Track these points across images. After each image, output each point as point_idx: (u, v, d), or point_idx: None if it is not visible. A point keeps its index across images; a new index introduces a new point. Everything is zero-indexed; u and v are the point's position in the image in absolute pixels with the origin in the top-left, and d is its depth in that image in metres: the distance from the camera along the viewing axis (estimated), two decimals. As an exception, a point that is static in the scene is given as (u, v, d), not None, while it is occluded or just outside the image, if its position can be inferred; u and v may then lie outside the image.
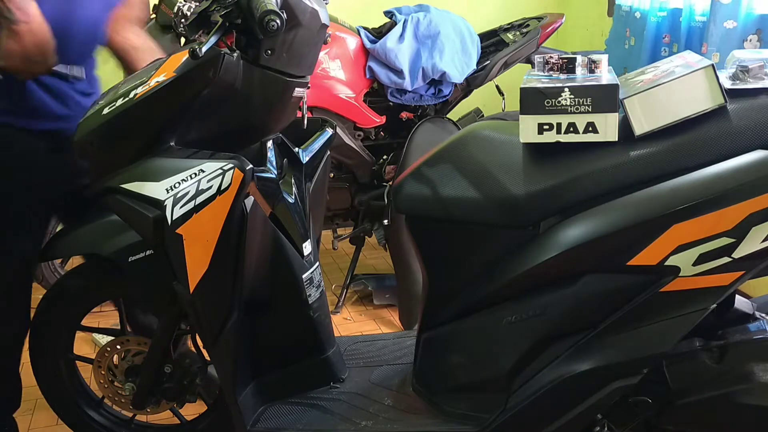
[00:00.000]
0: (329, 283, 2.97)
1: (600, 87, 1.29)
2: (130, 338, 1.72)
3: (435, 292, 1.54)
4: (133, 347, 1.71)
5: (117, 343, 1.71)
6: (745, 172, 1.23)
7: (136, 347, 1.70)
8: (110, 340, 1.73)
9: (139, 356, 1.68)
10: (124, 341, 1.71)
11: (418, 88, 2.70)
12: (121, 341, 1.72)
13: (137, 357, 1.68)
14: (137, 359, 1.67)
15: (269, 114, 1.58)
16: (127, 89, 1.49)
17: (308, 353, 1.67)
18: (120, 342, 1.71)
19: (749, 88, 1.29)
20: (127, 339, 1.72)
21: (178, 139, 1.49)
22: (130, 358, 1.68)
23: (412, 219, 1.52)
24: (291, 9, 1.43)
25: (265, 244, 1.52)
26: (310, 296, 1.63)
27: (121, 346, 1.71)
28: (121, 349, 1.71)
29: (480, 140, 1.45)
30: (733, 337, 1.39)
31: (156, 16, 2.72)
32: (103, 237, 1.60)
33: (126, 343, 1.71)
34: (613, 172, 1.31)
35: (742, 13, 2.50)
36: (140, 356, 1.67)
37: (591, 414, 1.40)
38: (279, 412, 1.61)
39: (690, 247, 1.25)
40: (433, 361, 1.58)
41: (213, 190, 1.38)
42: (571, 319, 1.37)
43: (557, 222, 1.35)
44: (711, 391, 1.38)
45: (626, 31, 3.10)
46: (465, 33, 2.77)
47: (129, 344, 1.71)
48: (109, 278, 1.66)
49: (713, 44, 2.54)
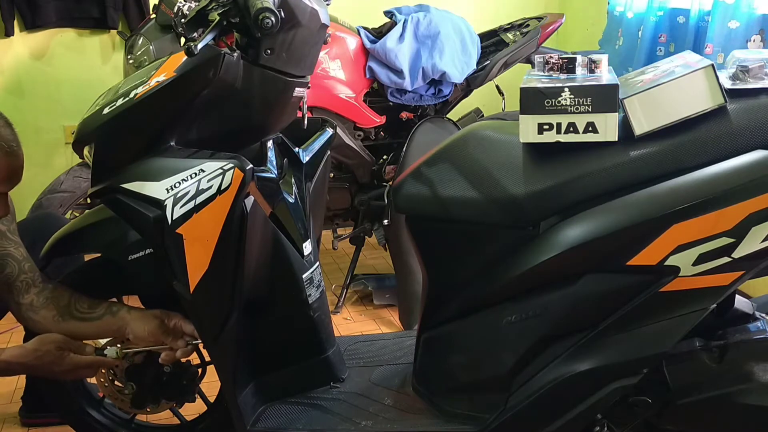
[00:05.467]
0: (329, 283, 2.97)
1: (600, 87, 1.29)
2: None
3: (435, 292, 1.54)
4: (134, 347, 1.70)
5: (117, 343, 1.71)
6: (745, 172, 1.23)
7: (137, 347, 1.70)
8: (110, 340, 1.73)
9: (139, 356, 1.67)
10: (124, 341, 1.71)
11: (418, 88, 2.70)
12: (122, 341, 1.71)
13: (137, 357, 1.68)
14: (137, 359, 1.67)
15: (269, 114, 1.58)
16: (127, 89, 1.49)
17: (308, 353, 1.67)
18: (120, 341, 1.71)
19: (749, 88, 1.29)
20: (127, 338, 1.71)
21: (179, 138, 1.49)
22: (130, 357, 1.68)
23: (412, 219, 1.52)
24: (290, 8, 1.43)
25: (265, 244, 1.52)
26: (310, 296, 1.63)
27: (121, 345, 1.71)
28: (121, 348, 1.71)
29: (480, 140, 1.45)
30: (733, 337, 1.39)
31: (156, 16, 2.72)
32: (103, 236, 1.61)
33: (126, 342, 1.71)
34: (613, 172, 1.31)
35: (745, 13, 2.50)
36: (140, 356, 1.67)
37: (591, 414, 1.40)
38: (279, 412, 1.61)
39: (690, 247, 1.25)
40: (433, 361, 1.58)
41: (213, 190, 1.38)
42: (571, 319, 1.37)
43: (557, 222, 1.35)
44: (711, 391, 1.38)
45: (618, 31, 3.11)
46: (465, 33, 2.77)
47: (129, 344, 1.71)
48: (109, 278, 1.66)
49: (718, 44, 2.54)
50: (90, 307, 1.57)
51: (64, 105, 3.24)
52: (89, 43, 3.26)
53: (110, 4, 3.14)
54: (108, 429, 1.80)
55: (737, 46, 2.48)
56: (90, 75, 3.24)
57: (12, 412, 2.10)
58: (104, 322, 1.57)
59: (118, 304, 1.59)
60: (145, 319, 1.56)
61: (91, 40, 3.26)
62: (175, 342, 1.55)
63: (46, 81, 3.23)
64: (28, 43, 3.18)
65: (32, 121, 3.22)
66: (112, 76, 3.19)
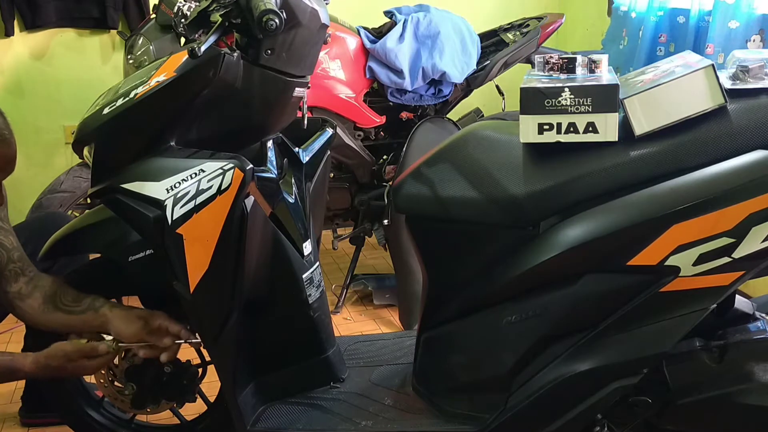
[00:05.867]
0: (329, 283, 2.97)
1: (600, 87, 1.29)
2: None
3: (435, 292, 1.54)
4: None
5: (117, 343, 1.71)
6: (745, 172, 1.23)
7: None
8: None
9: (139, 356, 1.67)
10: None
11: (418, 88, 2.70)
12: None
13: (137, 357, 1.67)
14: (137, 359, 1.66)
15: (269, 114, 1.58)
16: (127, 89, 1.49)
17: (308, 353, 1.67)
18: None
19: (749, 88, 1.29)
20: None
21: (179, 138, 1.49)
22: (130, 358, 1.67)
23: (412, 219, 1.52)
24: (291, 9, 1.43)
25: (265, 244, 1.52)
26: (310, 296, 1.63)
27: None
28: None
29: (480, 140, 1.45)
30: (733, 337, 1.39)
31: (156, 16, 2.72)
32: (103, 236, 1.60)
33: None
34: (613, 172, 1.31)
35: (744, 13, 2.50)
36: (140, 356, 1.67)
37: (591, 414, 1.40)
38: (279, 412, 1.61)
39: (690, 247, 1.25)
40: (433, 361, 1.58)
41: (213, 190, 1.38)
42: (571, 319, 1.37)
43: (557, 222, 1.35)
44: (711, 391, 1.38)
45: (623, 31, 3.11)
46: (465, 33, 2.77)
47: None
48: (109, 278, 1.66)
49: (718, 45, 2.53)
50: (74, 300, 1.55)
51: (64, 105, 3.24)
52: (89, 43, 3.26)
53: (110, 4, 3.15)
54: (108, 429, 1.80)
55: (737, 46, 2.48)
56: (90, 75, 3.24)
57: (12, 412, 2.10)
58: (87, 317, 1.54)
59: (102, 300, 1.55)
60: (128, 319, 1.52)
61: (91, 40, 3.26)
62: (160, 341, 1.52)
63: (46, 81, 3.23)
64: (28, 43, 3.18)
65: (32, 121, 3.22)
66: (112, 76, 3.19)
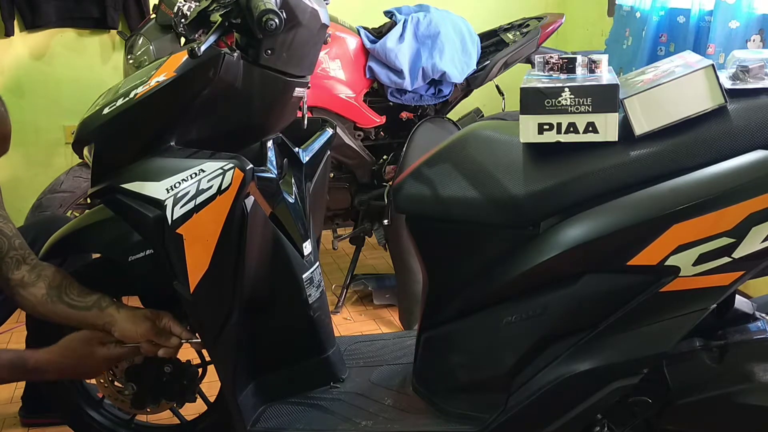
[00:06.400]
0: (329, 283, 2.97)
1: (600, 87, 1.29)
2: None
3: (435, 292, 1.54)
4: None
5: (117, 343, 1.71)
6: (745, 172, 1.23)
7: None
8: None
9: (140, 356, 1.67)
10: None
11: (418, 88, 2.70)
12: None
13: (137, 357, 1.67)
14: (137, 359, 1.66)
15: (269, 114, 1.58)
16: (127, 89, 1.49)
17: (308, 353, 1.67)
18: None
19: (749, 88, 1.29)
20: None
21: (179, 138, 1.49)
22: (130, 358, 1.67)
23: (412, 219, 1.52)
24: (291, 9, 1.43)
25: (265, 244, 1.52)
26: (310, 296, 1.63)
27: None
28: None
29: (480, 140, 1.45)
30: (733, 337, 1.39)
31: (156, 16, 2.72)
32: (103, 236, 1.60)
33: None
34: (613, 172, 1.31)
35: (744, 13, 2.50)
36: (140, 356, 1.67)
37: (591, 414, 1.40)
38: (279, 412, 1.61)
39: (690, 247, 1.25)
40: (433, 361, 1.58)
41: (213, 190, 1.38)
42: (571, 319, 1.37)
43: (557, 222, 1.35)
44: (711, 391, 1.38)
45: (626, 31, 3.10)
46: (465, 33, 2.77)
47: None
48: (109, 277, 1.66)
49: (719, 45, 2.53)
50: (80, 295, 1.53)
51: (64, 105, 3.24)
52: (89, 43, 3.26)
53: (110, 4, 3.15)
54: (108, 429, 1.80)
55: (737, 46, 2.48)
56: (90, 75, 3.24)
57: (12, 413, 2.10)
58: (91, 314, 1.52)
59: (108, 299, 1.54)
60: (136, 319, 1.52)
61: (91, 40, 3.26)
62: (168, 341, 1.52)
63: (46, 81, 3.23)
64: (28, 43, 3.18)
65: (32, 121, 3.22)
66: (112, 76, 3.19)
